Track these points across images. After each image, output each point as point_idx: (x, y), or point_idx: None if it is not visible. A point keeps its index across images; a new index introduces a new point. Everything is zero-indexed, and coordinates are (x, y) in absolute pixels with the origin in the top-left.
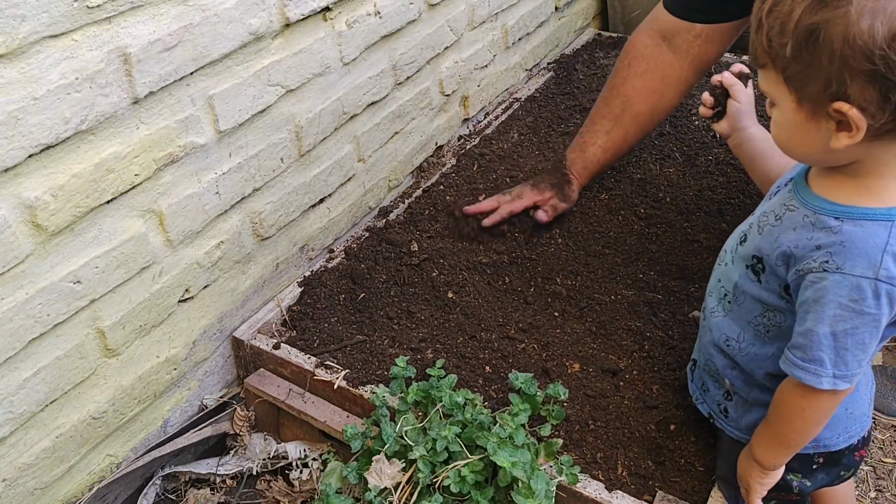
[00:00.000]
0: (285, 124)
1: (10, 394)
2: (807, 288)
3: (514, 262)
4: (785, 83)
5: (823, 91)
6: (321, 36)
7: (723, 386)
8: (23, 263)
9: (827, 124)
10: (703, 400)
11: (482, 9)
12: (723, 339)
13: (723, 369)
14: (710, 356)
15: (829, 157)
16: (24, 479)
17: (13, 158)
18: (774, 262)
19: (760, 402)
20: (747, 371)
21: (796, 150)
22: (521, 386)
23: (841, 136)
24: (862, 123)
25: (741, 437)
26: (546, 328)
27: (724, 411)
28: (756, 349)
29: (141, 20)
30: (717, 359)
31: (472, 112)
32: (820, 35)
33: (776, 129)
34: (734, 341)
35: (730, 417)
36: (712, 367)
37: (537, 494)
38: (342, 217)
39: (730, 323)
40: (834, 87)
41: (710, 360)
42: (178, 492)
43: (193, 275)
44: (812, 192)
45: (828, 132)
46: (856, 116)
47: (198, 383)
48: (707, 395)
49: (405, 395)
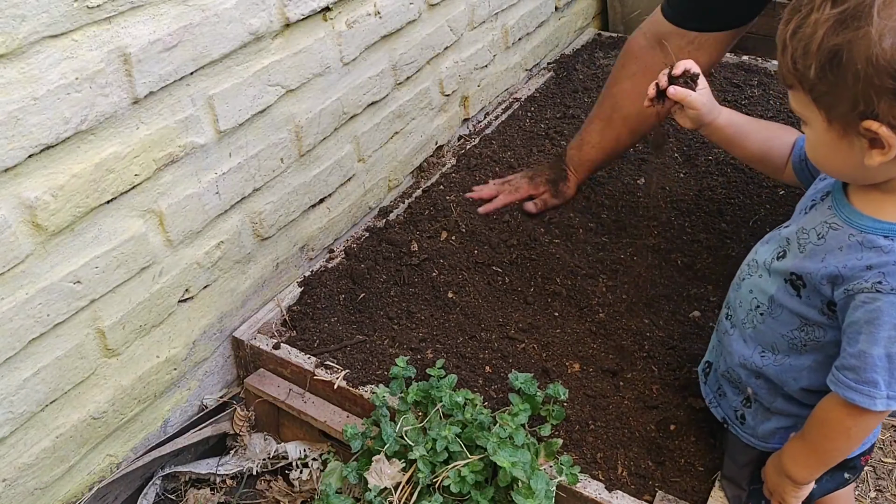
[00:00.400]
0: (285, 124)
1: (10, 394)
2: (857, 308)
3: (514, 263)
4: (814, 103)
5: (852, 110)
6: (321, 36)
7: (743, 393)
8: (23, 263)
9: (859, 142)
10: (718, 404)
11: (482, 9)
12: (746, 358)
13: (746, 378)
14: (732, 367)
15: (866, 175)
16: (24, 479)
17: (13, 158)
18: (819, 282)
19: (783, 412)
20: (776, 382)
21: (832, 168)
22: (521, 386)
23: (874, 154)
24: (893, 140)
25: (756, 444)
26: (546, 328)
27: (741, 418)
28: (791, 361)
29: (141, 20)
30: (741, 371)
31: (472, 112)
32: (843, 56)
33: (811, 148)
34: (762, 356)
35: (746, 424)
36: (734, 375)
37: (537, 494)
38: (342, 217)
39: (755, 340)
40: (862, 106)
41: (733, 369)
42: (178, 492)
43: (193, 275)
44: (856, 210)
45: (861, 150)
46: (886, 134)
47: (198, 383)
48: (723, 399)
49: (405, 395)
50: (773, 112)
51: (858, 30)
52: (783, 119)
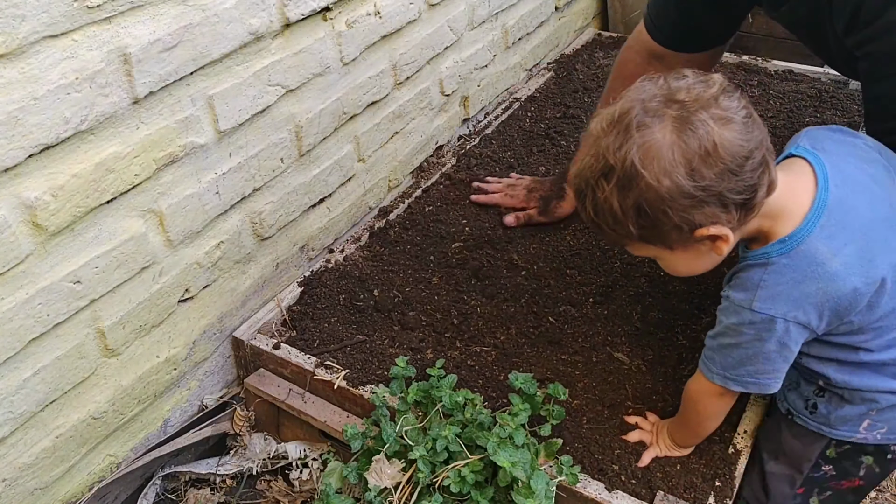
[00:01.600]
0: (285, 124)
1: (10, 394)
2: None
3: (514, 263)
4: (651, 245)
5: (681, 232)
6: (321, 36)
7: (814, 383)
8: (23, 263)
9: (704, 246)
10: (785, 397)
11: (482, 9)
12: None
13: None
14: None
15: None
16: (24, 479)
17: (13, 158)
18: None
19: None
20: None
21: (702, 270)
22: (521, 386)
23: (720, 246)
24: (725, 231)
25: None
26: (546, 328)
27: (813, 407)
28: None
29: (141, 20)
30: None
31: (472, 112)
32: (644, 206)
33: (673, 272)
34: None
35: (818, 413)
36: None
37: (537, 494)
38: (342, 217)
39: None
40: (685, 225)
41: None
42: (177, 492)
43: (193, 275)
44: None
45: (710, 249)
46: (717, 230)
47: (198, 383)
48: (792, 392)
49: (405, 395)
50: (773, 112)
51: (639, 185)
52: (783, 119)
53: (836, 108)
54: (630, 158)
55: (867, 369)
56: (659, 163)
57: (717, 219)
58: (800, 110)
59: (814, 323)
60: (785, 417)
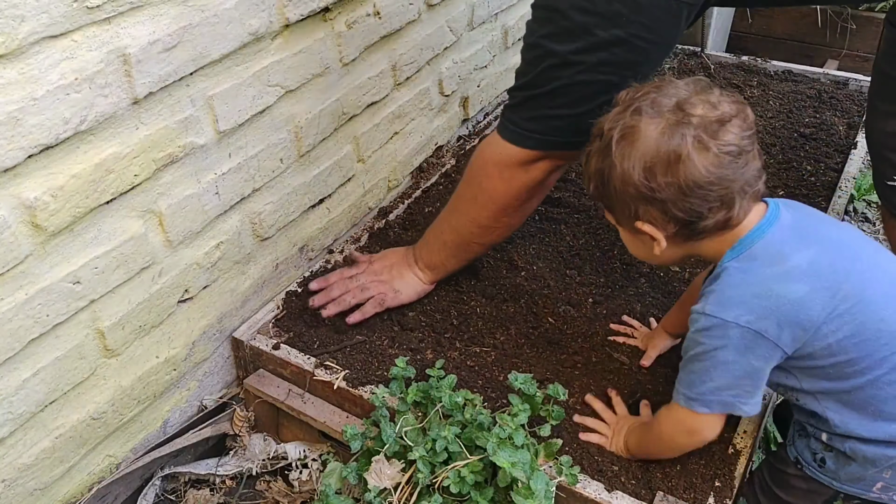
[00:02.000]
0: (285, 125)
1: (9, 394)
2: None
3: (513, 263)
4: (606, 211)
5: (628, 215)
6: (321, 36)
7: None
8: (22, 264)
9: (645, 237)
10: (794, 443)
11: (482, 9)
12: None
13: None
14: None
15: (663, 260)
16: (23, 479)
17: (13, 159)
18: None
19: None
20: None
21: (642, 257)
22: (520, 386)
23: (654, 245)
24: (657, 234)
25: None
26: (546, 328)
27: (821, 461)
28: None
29: (140, 20)
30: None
31: (472, 112)
32: (605, 175)
33: (629, 249)
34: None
35: (826, 468)
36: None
37: (537, 495)
38: (342, 217)
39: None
40: (631, 211)
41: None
42: (177, 492)
43: (193, 275)
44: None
45: (650, 242)
46: (650, 230)
47: (197, 384)
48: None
49: (405, 395)
50: (773, 112)
51: (608, 157)
52: (783, 119)
53: (835, 108)
54: (613, 132)
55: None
56: (628, 147)
57: (655, 221)
58: (799, 110)
59: (772, 333)
60: (794, 465)
